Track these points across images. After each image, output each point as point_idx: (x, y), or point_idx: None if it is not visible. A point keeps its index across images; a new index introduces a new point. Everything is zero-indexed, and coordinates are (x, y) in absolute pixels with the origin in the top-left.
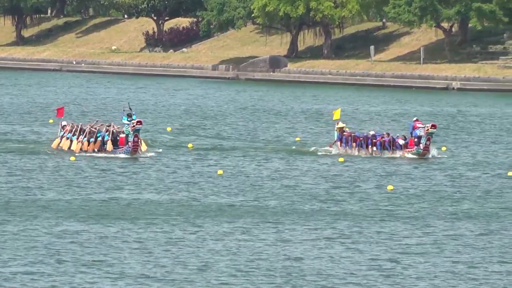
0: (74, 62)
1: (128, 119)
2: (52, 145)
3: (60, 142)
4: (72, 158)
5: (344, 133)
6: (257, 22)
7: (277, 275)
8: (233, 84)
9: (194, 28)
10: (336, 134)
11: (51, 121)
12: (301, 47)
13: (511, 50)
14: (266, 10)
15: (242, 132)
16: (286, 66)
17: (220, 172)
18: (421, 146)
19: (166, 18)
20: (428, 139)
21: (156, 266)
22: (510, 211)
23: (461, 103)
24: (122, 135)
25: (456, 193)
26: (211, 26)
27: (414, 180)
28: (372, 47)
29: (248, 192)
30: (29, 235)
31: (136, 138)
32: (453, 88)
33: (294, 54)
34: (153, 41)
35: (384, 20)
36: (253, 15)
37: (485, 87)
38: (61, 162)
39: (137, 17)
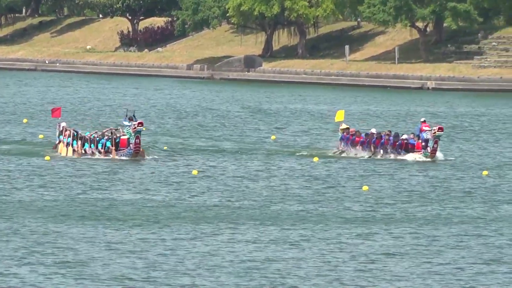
0: (47, 62)
1: (129, 122)
2: (58, 151)
3: (59, 146)
4: (47, 158)
5: (348, 134)
6: (232, 21)
7: (246, 276)
8: (207, 84)
9: (169, 27)
10: (340, 135)
11: (25, 120)
12: (276, 46)
13: (486, 49)
14: (241, 9)
15: (221, 133)
16: (261, 65)
17: (194, 172)
18: (429, 149)
19: (141, 17)
20: (436, 142)
21: (131, 268)
22: (487, 213)
23: (436, 102)
24: (124, 137)
25: (430, 194)
26: (186, 26)
27: (390, 180)
28: (347, 47)
29: (220, 192)
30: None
31: (138, 140)
32: (428, 88)
33: (269, 53)
34: (128, 41)
35: (358, 20)
36: (228, 14)
37: (459, 87)
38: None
39: (112, 17)
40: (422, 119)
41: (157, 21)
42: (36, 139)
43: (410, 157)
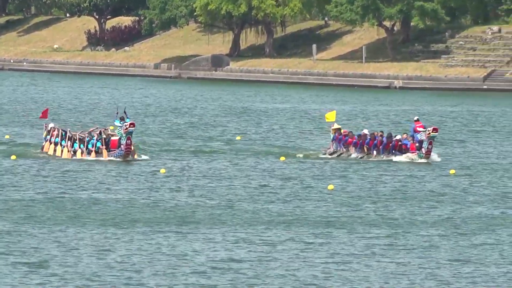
0: (12, 61)
1: (121, 122)
2: (45, 150)
3: (45, 146)
4: (13, 157)
5: (340, 134)
6: (199, 20)
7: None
8: (174, 83)
9: (136, 26)
10: (332, 136)
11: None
12: (243, 45)
13: (453, 49)
14: (208, 8)
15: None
16: (228, 65)
17: (162, 171)
18: (423, 150)
19: (108, 16)
20: (430, 143)
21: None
22: (456, 214)
23: (404, 101)
24: (114, 138)
25: (393, 193)
26: (153, 25)
27: (354, 179)
28: (314, 46)
29: (185, 192)
30: None
31: (129, 141)
32: (395, 87)
33: (236, 53)
34: (95, 40)
35: (326, 19)
36: (195, 13)
37: (427, 86)
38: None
39: (79, 16)
40: (416, 118)
41: (124, 20)
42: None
43: (404, 158)
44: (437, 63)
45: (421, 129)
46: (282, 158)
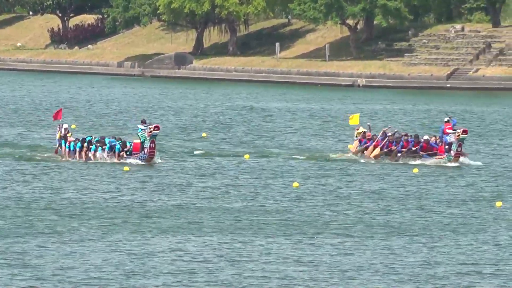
0: None
1: (144, 125)
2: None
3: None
4: (126, 168)
5: (364, 138)
6: (163, 19)
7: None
8: (138, 81)
9: (100, 25)
10: (355, 138)
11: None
12: (206, 44)
13: (416, 47)
14: (171, 7)
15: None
16: (191, 63)
17: (126, 168)
18: (452, 153)
19: (71, 15)
20: (459, 145)
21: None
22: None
23: (367, 100)
24: (136, 141)
25: (349, 192)
26: (117, 23)
27: (315, 178)
28: (277, 44)
29: (147, 191)
30: None
31: (153, 144)
32: (359, 85)
33: (199, 51)
34: (58, 38)
35: (289, 17)
36: (158, 12)
37: (390, 84)
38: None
39: (42, 14)
40: (446, 119)
41: (88, 19)
42: None
43: (431, 161)
44: (400, 61)
45: (450, 130)
46: (247, 156)
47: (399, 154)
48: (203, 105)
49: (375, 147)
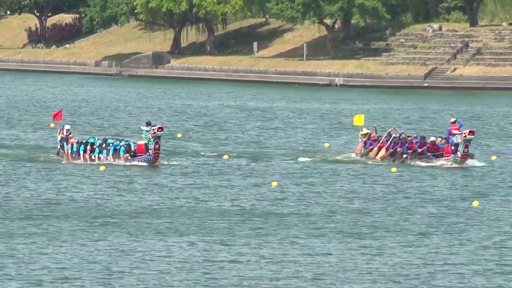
0: None
1: (148, 127)
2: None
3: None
4: (102, 168)
5: (369, 139)
6: (140, 18)
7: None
8: (115, 81)
9: (77, 24)
10: (360, 140)
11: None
12: (184, 43)
13: (394, 46)
14: (149, 6)
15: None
16: (169, 62)
17: (102, 168)
18: (459, 154)
19: (49, 14)
20: (466, 146)
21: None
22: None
23: (344, 99)
24: (140, 142)
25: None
26: (94, 23)
27: (295, 177)
28: (255, 44)
29: (120, 189)
30: None
31: (157, 146)
32: (336, 85)
33: (177, 50)
34: (35, 37)
35: (267, 16)
36: (136, 11)
37: (367, 84)
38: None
39: (19, 13)
40: (452, 120)
41: (65, 18)
42: None
43: (438, 163)
44: (378, 60)
45: (457, 131)
46: (225, 156)
47: (404, 156)
48: (180, 104)
49: (380, 148)
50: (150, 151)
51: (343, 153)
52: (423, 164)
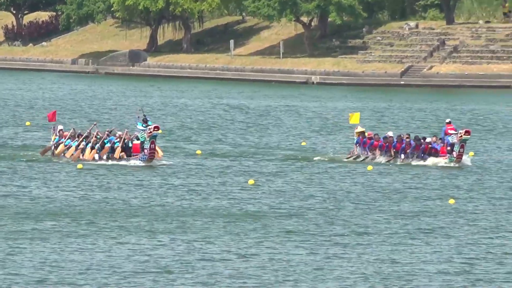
0: None
1: (144, 125)
2: (56, 152)
3: (57, 148)
4: (80, 166)
5: (364, 137)
6: (117, 16)
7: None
8: (92, 79)
9: (54, 22)
10: (356, 139)
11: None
12: (161, 41)
13: (370, 44)
14: (125, 4)
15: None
16: (145, 60)
17: (79, 166)
18: (454, 154)
19: (26, 12)
20: (462, 146)
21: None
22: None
23: (320, 97)
24: (136, 142)
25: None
26: (71, 20)
27: (276, 176)
28: (231, 41)
29: (106, 188)
30: None
31: (153, 145)
32: (313, 82)
33: (154, 48)
34: (12, 35)
35: (243, 14)
36: (112, 9)
37: (344, 82)
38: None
39: None
40: (447, 120)
41: (42, 16)
42: None
43: (432, 162)
44: (354, 58)
45: (452, 131)
46: (198, 152)
47: (403, 156)
48: (159, 102)
49: (374, 147)
50: (145, 150)
51: (321, 152)
52: (414, 163)
